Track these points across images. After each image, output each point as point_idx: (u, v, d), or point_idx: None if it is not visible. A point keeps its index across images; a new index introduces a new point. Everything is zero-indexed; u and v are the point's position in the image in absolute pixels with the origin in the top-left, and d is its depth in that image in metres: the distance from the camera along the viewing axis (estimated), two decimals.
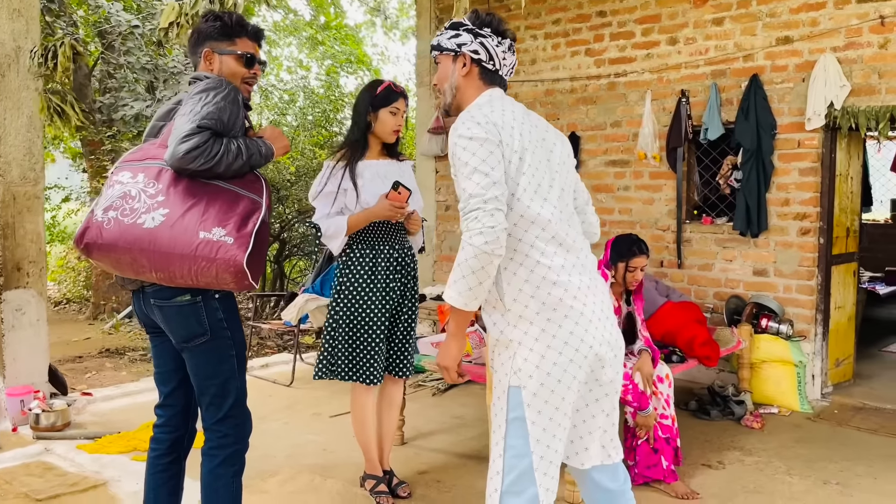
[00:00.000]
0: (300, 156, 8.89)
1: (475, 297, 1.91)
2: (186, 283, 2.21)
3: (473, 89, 2.16)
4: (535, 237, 2.00)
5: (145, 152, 2.32)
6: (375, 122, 3.26)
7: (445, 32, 2.20)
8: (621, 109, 5.79)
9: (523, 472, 1.97)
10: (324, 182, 3.23)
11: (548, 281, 1.99)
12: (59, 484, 3.49)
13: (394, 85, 3.29)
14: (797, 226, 5.02)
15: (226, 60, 2.45)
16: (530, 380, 1.97)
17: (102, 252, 2.20)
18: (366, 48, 14.18)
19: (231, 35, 2.47)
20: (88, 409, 4.71)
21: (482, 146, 1.94)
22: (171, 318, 2.33)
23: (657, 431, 3.57)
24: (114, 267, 2.27)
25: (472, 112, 2.03)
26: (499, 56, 2.15)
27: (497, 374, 2.07)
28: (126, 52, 7.81)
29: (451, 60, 2.17)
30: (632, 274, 3.62)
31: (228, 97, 2.27)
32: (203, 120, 2.17)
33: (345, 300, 3.23)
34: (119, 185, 2.23)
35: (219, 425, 2.39)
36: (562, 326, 1.99)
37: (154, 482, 2.50)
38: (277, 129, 2.50)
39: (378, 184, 3.24)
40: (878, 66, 4.66)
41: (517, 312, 2.00)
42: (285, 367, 5.72)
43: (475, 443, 4.10)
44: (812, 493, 3.47)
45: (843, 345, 5.28)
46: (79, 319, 9.13)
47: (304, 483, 3.49)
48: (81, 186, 9.84)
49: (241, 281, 2.17)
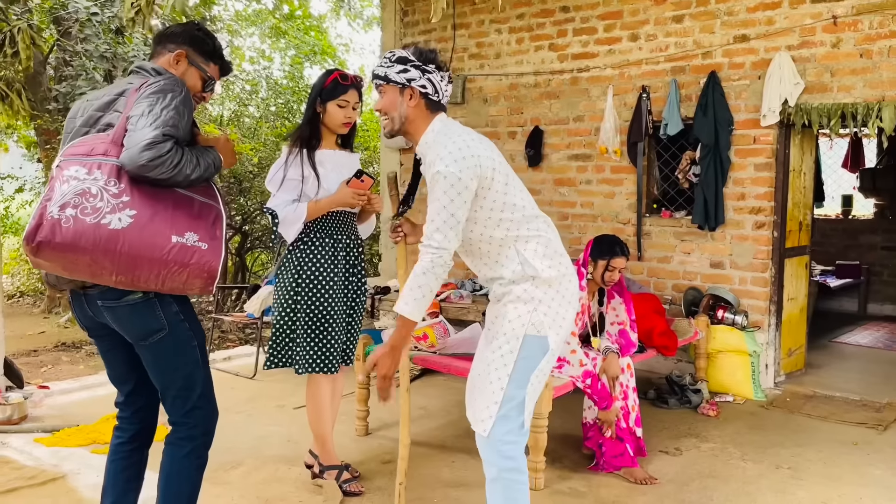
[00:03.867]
0: (263, 147, 8.81)
1: (422, 311, 2.32)
2: (149, 287, 2.16)
3: (422, 119, 2.44)
4: (539, 223, 2.45)
5: (91, 146, 2.20)
6: (324, 114, 3.26)
7: (393, 66, 2.41)
8: (584, 104, 5.87)
9: (519, 402, 2.35)
10: (283, 169, 3.22)
11: (557, 252, 2.45)
12: (16, 477, 3.42)
13: (342, 76, 3.25)
14: (752, 219, 5.16)
15: (192, 72, 2.44)
16: (550, 330, 2.37)
17: (57, 252, 2.07)
18: (331, 39, 14.07)
19: (210, 56, 2.49)
20: (46, 402, 4.62)
21: (453, 187, 2.26)
22: (123, 317, 2.27)
23: (620, 423, 3.65)
24: (65, 268, 2.14)
25: (449, 147, 2.30)
26: (442, 89, 2.44)
27: (507, 326, 2.37)
28: (84, 40, 7.63)
29: (398, 92, 2.42)
30: (610, 273, 3.69)
31: (186, 101, 2.24)
32: (167, 128, 2.12)
33: (307, 289, 3.22)
34: (75, 181, 2.11)
35: (186, 417, 2.37)
36: (568, 288, 2.44)
37: (115, 468, 2.47)
38: (231, 142, 2.48)
39: (340, 173, 3.26)
40: (831, 64, 4.81)
41: (544, 277, 2.38)
42: (248, 360, 5.69)
43: (439, 433, 4.13)
44: (765, 478, 3.59)
45: (796, 335, 5.45)
46: (33, 313, 8.93)
47: (269, 473, 3.48)
48: (36, 177, 9.60)
49: (208, 286, 2.18)
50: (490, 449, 2.38)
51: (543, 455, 3.44)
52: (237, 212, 8.52)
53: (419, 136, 2.44)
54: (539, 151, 6.09)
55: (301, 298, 3.22)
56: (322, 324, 3.22)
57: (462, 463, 3.70)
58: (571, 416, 4.18)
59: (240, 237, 8.94)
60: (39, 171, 9.50)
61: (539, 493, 3.35)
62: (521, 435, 2.39)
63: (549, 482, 3.46)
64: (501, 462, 2.36)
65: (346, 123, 3.28)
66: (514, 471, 2.38)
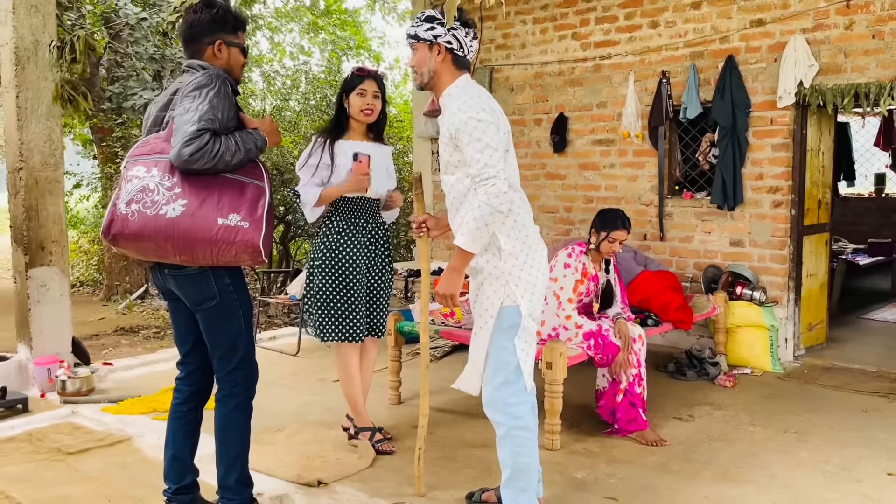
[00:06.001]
0: (303, 140, 9.20)
1: (481, 243, 2.53)
2: (208, 262, 2.56)
3: (448, 73, 2.70)
4: (513, 195, 2.60)
5: (152, 146, 2.60)
6: (349, 106, 3.62)
7: (422, 25, 2.68)
8: (606, 91, 6.08)
9: (515, 366, 2.63)
10: (308, 156, 3.61)
11: (523, 226, 2.66)
12: (87, 440, 3.85)
13: (358, 69, 3.64)
14: (770, 199, 5.32)
15: (234, 52, 2.77)
16: (522, 298, 2.62)
17: (129, 241, 2.50)
18: (366, 33, 14.42)
19: (236, 28, 2.79)
20: (110, 377, 5.07)
21: (489, 127, 2.50)
22: (183, 285, 2.67)
23: (633, 387, 3.90)
24: (139, 253, 2.59)
25: (472, 97, 2.56)
26: (467, 44, 2.69)
27: (486, 302, 2.64)
28: (134, 43, 8.10)
29: (427, 49, 2.68)
30: (610, 244, 3.93)
31: (220, 93, 2.56)
32: (202, 122, 2.47)
33: (329, 266, 3.58)
34: (136, 179, 2.52)
35: (230, 375, 2.74)
36: (535, 258, 2.67)
37: (175, 425, 2.86)
38: (275, 123, 2.82)
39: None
40: (844, 46, 4.94)
41: (509, 251, 2.62)
42: (291, 339, 6.08)
43: (464, 402, 4.44)
44: (771, 440, 3.81)
45: (816, 310, 5.60)
46: (93, 301, 9.49)
47: (309, 435, 3.85)
48: (93, 173, 10.16)
49: (256, 258, 2.55)
50: (498, 410, 2.67)
51: (559, 419, 3.71)
52: (279, 202, 8.93)
53: (444, 89, 2.68)
54: (564, 137, 6.32)
55: (326, 273, 3.58)
56: (343, 296, 3.57)
57: (485, 427, 3.99)
58: (590, 386, 4.44)
59: (283, 226, 9.35)
60: (95, 167, 10.05)
61: (555, 452, 3.64)
62: (525, 395, 2.67)
63: (564, 444, 3.74)
64: (510, 421, 2.65)
65: (366, 111, 3.61)
66: (523, 428, 2.65)
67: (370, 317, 3.72)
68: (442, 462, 3.54)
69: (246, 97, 10.60)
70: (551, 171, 6.46)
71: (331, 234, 3.61)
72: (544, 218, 6.45)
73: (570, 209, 6.35)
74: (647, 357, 4.05)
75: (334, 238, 3.60)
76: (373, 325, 3.74)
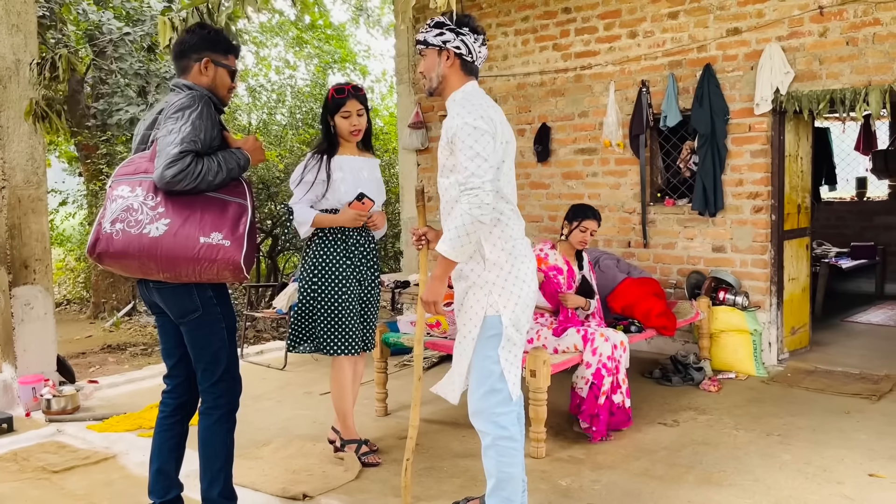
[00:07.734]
0: (289, 153, 9.22)
1: (463, 252, 2.54)
2: (191, 279, 2.60)
3: (457, 79, 2.72)
4: (504, 206, 2.67)
5: (136, 166, 2.65)
6: (334, 126, 3.66)
7: (431, 31, 2.72)
8: (587, 100, 6.14)
9: (498, 375, 2.63)
10: (303, 172, 3.63)
11: (511, 237, 2.68)
12: (72, 458, 3.84)
13: (337, 89, 3.63)
14: (750, 204, 5.38)
15: (221, 73, 2.80)
16: (504, 308, 2.63)
17: (113, 259, 2.58)
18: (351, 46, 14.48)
19: (226, 51, 2.83)
20: (95, 395, 5.05)
21: (483, 136, 2.51)
22: (167, 298, 2.71)
23: (612, 396, 3.94)
24: (123, 271, 2.65)
25: (473, 104, 2.57)
26: (476, 50, 2.71)
27: (470, 311, 2.66)
28: (118, 59, 8.12)
29: (437, 54, 2.71)
30: (582, 234, 4.09)
31: (202, 114, 2.60)
32: (184, 144, 2.51)
33: (323, 280, 3.60)
34: (121, 199, 2.58)
35: (213, 388, 2.76)
36: (521, 269, 2.67)
37: (160, 438, 2.88)
38: (258, 141, 2.86)
39: (356, 176, 3.67)
40: (819, 53, 5.02)
41: (493, 261, 2.64)
42: (278, 353, 6.07)
43: (452, 412, 4.45)
44: (754, 444, 3.84)
45: (799, 314, 5.66)
46: (80, 319, 9.46)
47: (295, 449, 3.85)
48: (78, 190, 10.14)
49: (238, 275, 2.59)
50: (484, 420, 2.68)
51: (545, 427, 3.74)
52: (266, 216, 8.94)
53: (450, 93, 2.71)
54: (547, 147, 6.37)
55: (318, 288, 3.60)
56: (338, 310, 3.59)
57: (471, 437, 4.01)
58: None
59: (270, 241, 9.35)
60: (80, 184, 10.03)
61: (540, 460, 3.66)
62: (511, 405, 2.68)
63: (549, 451, 3.76)
64: (496, 431, 2.66)
65: (354, 132, 3.65)
66: (508, 439, 2.66)
67: (362, 329, 3.74)
68: (428, 472, 3.56)
69: (232, 111, 10.62)
70: (535, 180, 6.51)
71: (324, 247, 3.63)
72: (529, 227, 6.48)
73: (555, 218, 6.39)
74: (633, 363, 4.09)
75: (328, 251, 3.63)
76: (364, 338, 3.76)
